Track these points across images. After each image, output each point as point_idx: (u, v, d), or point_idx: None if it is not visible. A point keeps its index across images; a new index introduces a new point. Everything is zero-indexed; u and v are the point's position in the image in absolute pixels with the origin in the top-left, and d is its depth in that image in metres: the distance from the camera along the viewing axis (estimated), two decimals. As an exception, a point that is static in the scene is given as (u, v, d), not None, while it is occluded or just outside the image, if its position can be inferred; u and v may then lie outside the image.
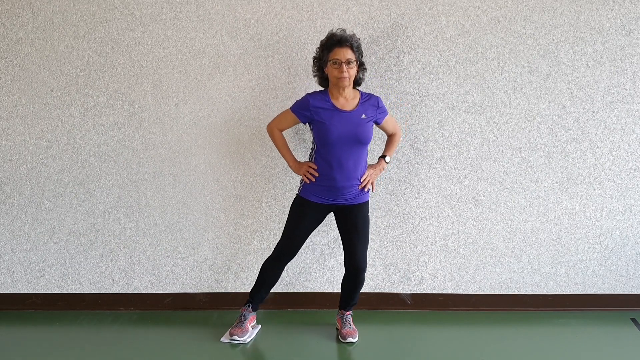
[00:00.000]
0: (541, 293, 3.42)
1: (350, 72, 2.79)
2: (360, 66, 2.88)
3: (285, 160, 3.02)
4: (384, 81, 3.19)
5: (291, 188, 3.29)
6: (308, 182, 2.92)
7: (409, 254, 3.40)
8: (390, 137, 3.09)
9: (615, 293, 3.42)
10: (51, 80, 3.22)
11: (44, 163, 3.29)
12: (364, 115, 2.87)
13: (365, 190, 2.96)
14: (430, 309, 3.41)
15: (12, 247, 3.37)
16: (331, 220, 3.05)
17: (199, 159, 3.29)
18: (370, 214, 3.03)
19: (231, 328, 3.03)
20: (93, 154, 3.29)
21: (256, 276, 3.20)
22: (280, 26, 3.16)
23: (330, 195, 2.90)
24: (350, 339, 2.98)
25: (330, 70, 2.80)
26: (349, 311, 3.12)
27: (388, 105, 3.04)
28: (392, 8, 3.16)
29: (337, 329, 3.10)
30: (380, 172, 3.03)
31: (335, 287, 3.24)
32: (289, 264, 3.07)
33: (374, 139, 2.95)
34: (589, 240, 3.38)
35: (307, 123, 2.93)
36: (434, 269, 3.40)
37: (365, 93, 2.94)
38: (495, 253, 3.39)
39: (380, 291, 3.42)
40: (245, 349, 2.94)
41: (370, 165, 3.01)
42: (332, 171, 2.86)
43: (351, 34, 2.82)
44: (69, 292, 3.40)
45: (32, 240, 3.37)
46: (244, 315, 3.06)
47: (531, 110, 3.25)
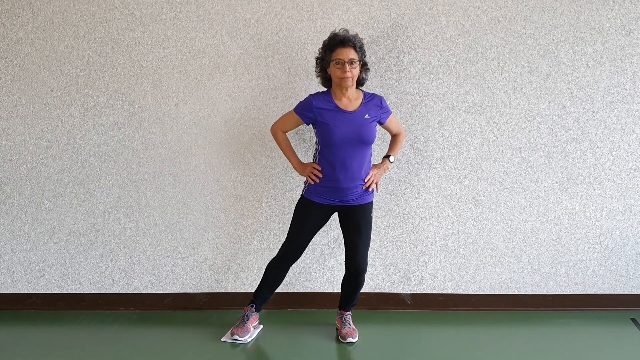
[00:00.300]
0: (541, 293, 3.42)
1: (353, 72, 2.79)
2: (363, 66, 2.87)
3: (290, 161, 3.02)
4: (384, 81, 3.19)
5: (291, 188, 3.30)
6: (312, 184, 2.92)
7: (409, 254, 3.40)
8: (394, 137, 3.09)
9: (615, 293, 3.42)
10: (51, 80, 3.22)
11: (44, 163, 3.29)
12: (367, 116, 2.86)
13: (370, 190, 2.96)
14: (430, 309, 3.41)
15: (12, 247, 3.37)
16: (331, 220, 3.05)
17: (199, 159, 3.29)
18: (372, 215, 3.03)
19: (233, 327, 3.03)
20: (93, 154, 3.29)
21: (256, 276, 3.21)
22: (280, 26, 3.16)
23: (335, 196, 2.90)
24: (350, 339, 2.98)
25: (333, 71, 2.80)
26: (348, 311, 3.12)
27: (388, 105, 3.03)
28: (392, 8, 3.16)
29: (337, 329, 3.10)
30: (384, 172, 3.03)
31: (335, 287, 3.24)
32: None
33: (377, 139, 2.95)
34: (589, 240, 3.38)
35: (311, 124, 2.93)
36: (434, 269, 3.40)
37: (369, 93, 2.94)
38: (495, 253, 3.39)
39: (380, 291, 3.42)
40: (245, 349, 2.94)
41: (374, 165, 3.00)
42: (336, 172, 2.86)
43: (354, 33, 2.82)
44: (69, 292, 3.40)
45: (32, 240, 3.37)
46: (247, 315, 3.06)
47: (531, 110, 3.25)
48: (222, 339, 3.00)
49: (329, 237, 3.32)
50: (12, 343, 3.01)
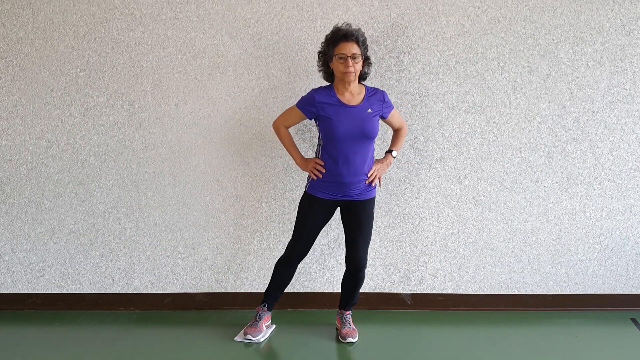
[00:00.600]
0: (541, 293, 3.42)
1: (356, 67, 2.78)
2: (366, 60, 2.87)
3: (292, 157, 3.01)
4: (384, 81, 3.19)
5: (291, 188, 3.30)
6: (315, 179, 2.91)
7: (409, 254, 3.40)
8: (396, 132, 3.08)
9: (615, 293, 3.42)
10: (51, 80, 3.22)
11: (44, 163, 3.29)
12: (370, 110, 2.86)
13: (373, 185, 2.96)
14: (430, 309, 3.41)
15: (12, 247, 3.37)
16: (331, 219, 3.05)
17: (199, 159, 3.29)
18: (374, 211, 3.02)
19: (246, 327, 3.03)
20: (93, 154, 3.29)
21: (256, 276, 3.22)
22: (280, 26, 3.17)
23: (338, 191, 2.90)
24: (350, 339, 2.98)
25: (336, 65, 2.80)
26: (348, 311, 3.12)
27: (391, 100, 3.02)
28: (392, 8, 3.16)
29: (337, 329, 3.10)
30: (387, 167, 3.02)
31: (335, 287, 3.24)
32: (289, 264, 3.08)
33: (380, 136, 2.95)
34: (589, 240, 3.38)
35: (313, 119, 2.93)
36: (434, 269, 3.40)
37: (371, 88, 2.93)
38: (495, 253, 3.39)
39: (380, 291, 3.42)
40: (246, 349, 2.93)
41: (377, 160, 3.00)
42: (339, 167, 2.85)
43: (356, 28, 2.82)
44: (69, 292, 3.40)
45: (32, 240, 3.37)
46: (259, 315, 3.06)
47: (531, 110, 3.25)
48: (235, 339, 3.00)
49: (329, 237, 3.32)
50: (12, 343, 3.01)
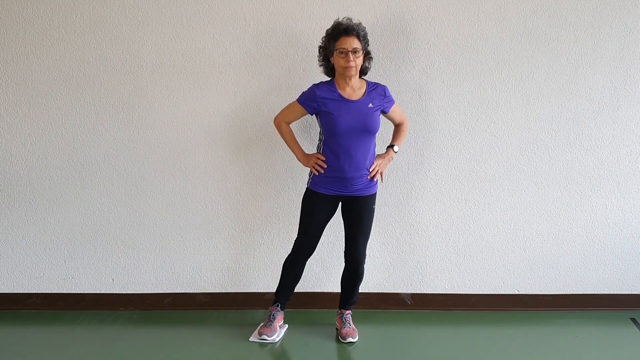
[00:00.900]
0: (541, 293, 3.42)
1: (357, 62, 2.78)
2: (367, 55, 2.87)
3: (294, 153, 3.01)
4: (384, 81, 3.17)
5: (291, 188, 3.30)
6: (317, 174, 2.91)
7: (409, 254, 3.40)
8: (397, 127, 3.08)
9: (615, 293, 3.42)
10: (51, 80, 3.21)
11: (44, 163, 3.29)
12: (371, 105, 2.86)
13: (375, 180, 2.96)
14: (430, 309, 3.41)
15: (12, 247, 3.37)
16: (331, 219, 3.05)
17: (199, 159, 3.29)
18: (375, 207, 3.02)
19: (260, 327, 3.04)
20: (93, 154, 3.28)
21: (256, 276, 3.22)
22: (280, 26, 3.16)
23: (340, 186, 2.89)
24: (350, 339, 2.98)
25: (337, 60, 2.79)
26: (348, 310, 3.12)
27: (392, 95, 3.02)
28: (392, 8, 3.16)
29: (337, 329, 3.10)
30: (389, 162, 3.02)
31: (335, 287, 3.24)
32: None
33: (380, 133, 2.95)
34: (589, 240, 3.38)
35: (314, 114, 2.92)
36: (434, 269, 3.40)
37: (372, 82, 2.93)
38: (495, 253, 3.39)
39: (380, 291, 3.42)
40: (246, 349, 2.93)
41: (378, 155, 3.00)
42: (341, 162, 2.85)
43: (357, 22, 2.82)
44: (69, 292, 3.40)
45: (32, 240, 3.37)
46: (273, 315, 3.06)
47: (531, 110, 3.25)
48: (250, 339, 3.00)
49: (329, 237, 3.32)
50: (12, 343, 3.01)
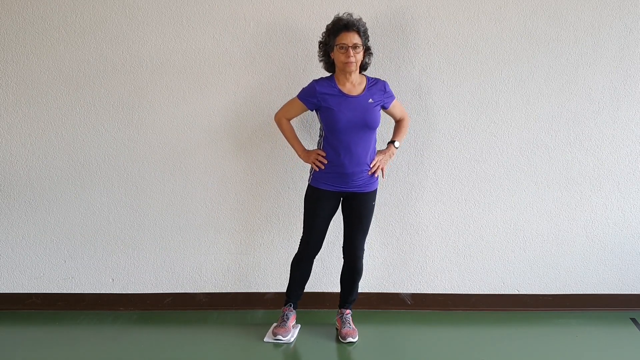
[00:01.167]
0: (541, 293, 3.42)
1: (357, 57, 2.78)
2: (367, 51, 2.87)
3: (294, 149, 3.01)
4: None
5: (291, 188, 3.30)
6: (317, 170, 2.91)
7: (409, 254, 3.39)
8: (398, 123, 3.08)
9: (615, 293, 3.42)
10: (51, 80, 3.21)
11: (44, 163, 3.29)
12: (371, 100, 2.86)
13: (376, 176, 2.96)
14: (430, 309, 3.40)
15: (12, 247, 3.37)
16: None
17: (199, 159, 3.29)
18: (375, 203, 3.02)
19: (274, 328, 3.04)
20: (93, 154, 3.28)
21: (256, 276, 3.21)
22: (281, 26, 3.16)
23: (340, 182, 2.89)
24: (350, 339, 2.98)
25: (337, 55, 2.79)
26: (348, 310, 3.12)
27: (392, 90, 3.02)
28: (392, 8, 3.16)
29: (337, 329, 3.10)
30: (390, 158, 3.02)
31: (335, 287, 3.24)
32: (288, 264, 3.07)
33: (380, 133, 2.94)
34: (589, 240, 3.38)
35: (315, 110, 2.92)
36: (434, 269, 3.40)
37: (372, 78, 2.93)
38: (495, 253, 3.39)
39: (380, 291, 3.42)
40: (247, 349, 2.94)
41: (379, 150, 3.00)
42: (341, 157, 2.85)
43: (358, 18, 2.82)
44: (69, 292, 3.40)
45: (32, 240, 3.37)
46: (286, 315, 3.07)
47: (531, 110, 3.25)
48: (265, 339, 3.00)
49: (329, 237, 3.30)
50: (12, 343, 3.01)
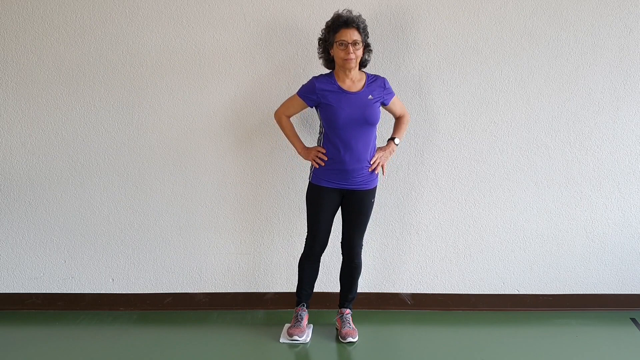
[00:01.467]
0: (541, 293, 3.42)
1: (357, 54, 2.78)
2: (366, 47, 2.87)
3: (294, 146, 3.01)
4: (384, 81, 3.19)
5: (291, 188, 3.30)
6: (317, 167, 2.91)
7: (409, 254, 3.40)
8: (398, 119, 3.08)
9: (615, 293, 3.42)
10: (51, 80, 3.21)
11: (44, 163, 3.29)
12: (370, 96, 2.86)
13: (376, 173, 2.96)
14: (430, 309, 3.41)
15: (12, 247, 3.37)
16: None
17: (199, 158, 3.29)
18: (374, 200, 3.02)
19: (289, 328, 3.04)
20: (93, 154, 3.28)
21: (256, 276, 3.21)
22: (280, 25, 3.16)
23: (341, 179, 2.90)
24: (350, 339, 2.98)
25: (337, 52, 2.79)
26: (348, 310, 3.12)
27: (392, 87, 3.01)
28: (392, 8, 3.16)
29: (337, 329, 3.10)
30: (390, 155, 3.02)
31: (335, 287, 3.24)
32: (288, 264, 3.08)
33: (382, 127, 2.94)
34: (589, 240, 3.38)
35: (314, 107, 2.92)
36: (434, 269, 3.40)
37: (372, 74, 2.93)
38: (495, 253, 3.39)
39: (380, 291, 3.42)
40: (247, 349, 2.94)
41: (379, 147, 3.00)
42: (341, 154, 2.85)
43: (357, 14, 2.82)
44: (69, 292, 3.40)
45: (32, 240, 3.37)
46: (300, 315, 3.07)
47: (531, 110, 3.25)
48: (281, 340, 3.00)
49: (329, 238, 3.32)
50: (12, 343, 3.01)
